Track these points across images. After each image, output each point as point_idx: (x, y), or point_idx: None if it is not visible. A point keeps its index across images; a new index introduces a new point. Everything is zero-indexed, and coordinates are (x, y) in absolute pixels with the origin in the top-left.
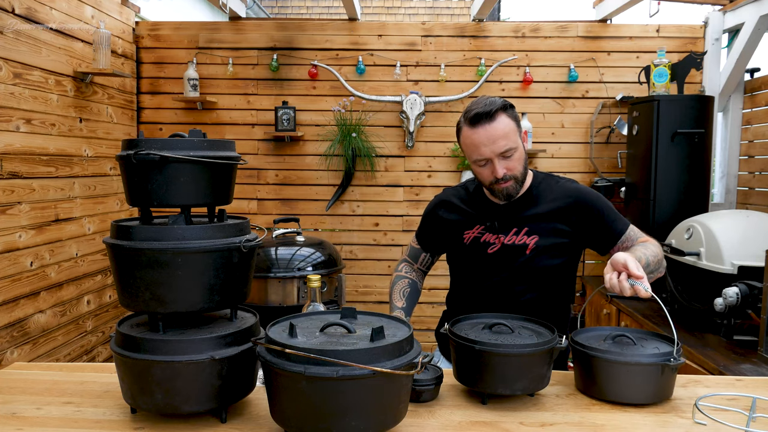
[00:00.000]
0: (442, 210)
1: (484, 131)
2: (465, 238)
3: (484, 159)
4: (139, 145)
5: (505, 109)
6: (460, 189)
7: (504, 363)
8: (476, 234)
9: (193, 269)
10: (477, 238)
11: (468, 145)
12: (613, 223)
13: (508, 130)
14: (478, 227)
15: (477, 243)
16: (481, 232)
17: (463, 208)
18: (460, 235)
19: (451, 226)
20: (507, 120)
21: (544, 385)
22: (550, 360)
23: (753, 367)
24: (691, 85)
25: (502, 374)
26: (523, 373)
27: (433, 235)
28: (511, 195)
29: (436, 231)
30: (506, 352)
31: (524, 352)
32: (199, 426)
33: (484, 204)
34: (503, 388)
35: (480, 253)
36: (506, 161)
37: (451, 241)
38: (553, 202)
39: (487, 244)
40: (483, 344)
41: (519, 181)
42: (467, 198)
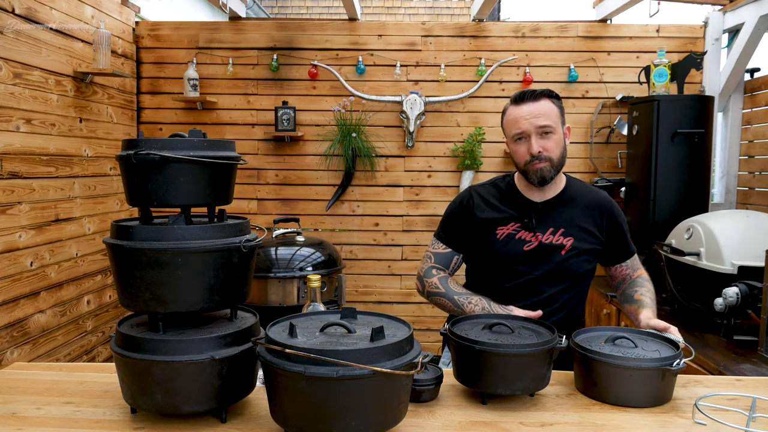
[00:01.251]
0: (475, 207)
1: (526, 107)
2: (498, 234)
3: (521, 132)
4: (139, 145)
5: (552, 96)
6: (490, 186)
7: (504, 363)
8: (511, 231)
9: (193, 269)
10: (512, 234)
11: (509, 121)
12: (628, 242)
13: (550, 111)
14: (513, 224)
15: (512, 240)
16: (516, 229)
17: (497, 205)
18: (492, 231)
19: (485, 223)
20: (551, 104)
21: (544, 385)
22: (550, 360)
23: (753, 367)
24: (691, 85)
25: (502, 374)
26: (523, 373)
27: (464, 233)
28: (545, 178)
29: (467, 228)
30: (506, 352)
31: (524, 352)
32: (199, 426)
33: (518, 201)
34: (503, 388)
35: (514, 250)
36: (543, 140)
37: (483, 238)
38: (587, 206)
39: (523, 241)
40: (483, 344)
41: (554, 167)
42: (500, 195)
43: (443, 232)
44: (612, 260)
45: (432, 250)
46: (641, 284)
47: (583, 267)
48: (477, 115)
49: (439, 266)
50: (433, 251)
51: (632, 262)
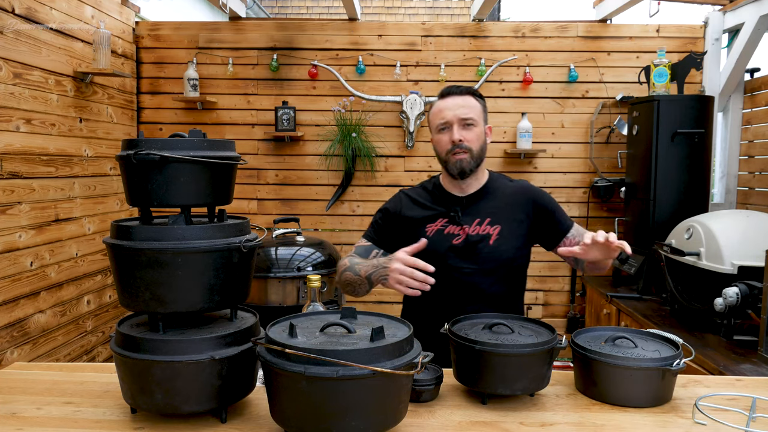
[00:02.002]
0: (404, 207)
1: (452, 100)
2: (427, 231)
3: (445, 122)
4: (139, 145)
5: (476, 94)
6: (419, 188)
7: (504, 363)
8: (439, 227)
9: (193, 269)
10: (441, 230)
11: (434, 114)
12: (561, 220)
13: (473, 105)
14: (441, 220)
15: (441, 235)
16: (444, 224)
17: (425, 204)
18: (422, 229)
19: (413, 222)
20: (474, 100)
21: (544, 385)
22: (550, 360)
23: (753, 367)
24: (691, 85)
25: (502, 374)
26: (523, 373)
27: (392, 232)
28: (464, 170)
29: (396, 229)
30: (506, 352)
31: (524, 352)
32: (199, 426)
33: (444, 197)
34: (503, 388)
35: (445, 244)
36: (465, 131)
37: (412, 237)
38: (510, 195)
39: (452, 235)
40: (483, 344)
41: (474, 158)
42: (427, 195)
43: (371, 232)
44: (554, 240)
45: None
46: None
47: (514, 253)
48: None
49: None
50: (358, 245)
51: (576, 230)
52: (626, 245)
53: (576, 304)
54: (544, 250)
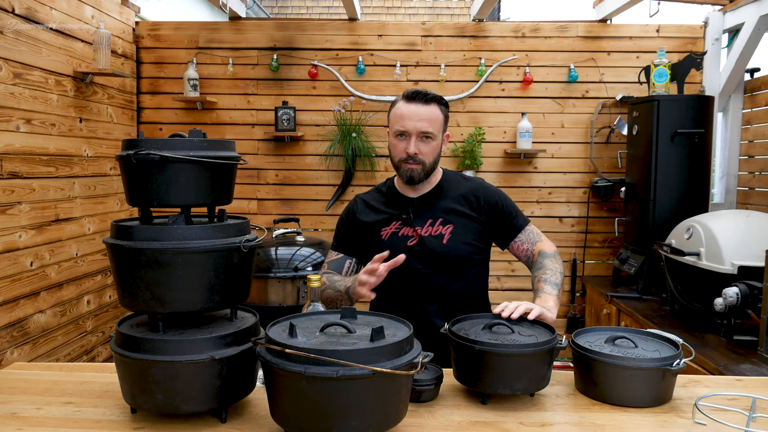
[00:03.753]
0: (358, 212)
1: (415, 107)
2: (383, 235)
3: (404, 132)
4: (139, 145)
5: (441, 103)
6: (373, 192)
7: (504, 363)
8: (393, 230)
9: (193, 269)
10: (395, 233)
11: (396, 115)
12: (514, 218)
13: (435, 118)
14: (395, 223)
15: (395, 237)
16: (398, 227)
17: (379, 208)
18: (377, 233)
19: (369, 227)
20: (438, 111)
21: (544, 385)
22: (550, 360)
23: (753, 367)
24: (691, 85)
25: (502, 374)
26: (523, 373)
27: (352, 240)
28: (413, 179)
29: (354, 234)
30: (506, 352)
31: (524, 352)
32: (199, 426)
33: (397, 200)
34: (503, 388)
35: (399, 247)
36: (422, 144)
37: (370, 241)
38: (463, 194)
39: (406, 237)
40: (483, 344)
41: (425, 170)
42: (382, 198)
43: (335, 241)
44: (505, 239)
45: (326, 260)
46: (540, 265)
47: (468, 250)
48: (477, 115)
49: (331, 271)
50: (327, 260)
51: (526, 236)
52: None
53: (576, 304)
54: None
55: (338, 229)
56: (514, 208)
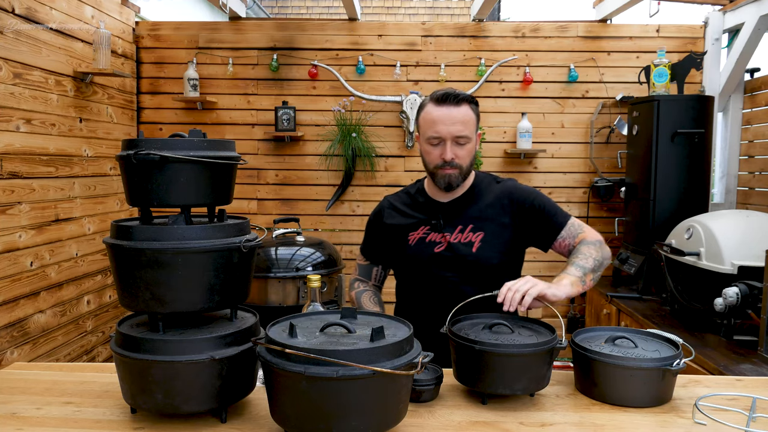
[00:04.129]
0: (386, 216)
1: (447, 110)
2: (410, 240)
3: (438, 137)
4: (139, 145)
5: (472, 102)
6: (402, 194)
7: (504, 363)
8: (421, 234)
9: (193, 269)
10: (422, 238)
11: (427, 120)
12: (553, 216)
13: (469, 119)
14: (424, 228)
15: (422, 243)
16: (426, 232)
17: (407, 212)
18: (405, 238)
19: (396, 230)
20: (470, 111)
21: (544, 385)
22: (550, 360)
23: (753, 367)
24: (691, 85)
25: (502, 374)
26: (523, 373)
27: (379, 245)
28: (451, 184)
29: (381, 239)
30: (506, 352)
31: (524, 352)
32: (199, 426)
33: (427, 204)
34: (503, 388)
35: (426, 253)
36: (457, 147)
37: (397, 246)
38: (495, 198)
39: (433, 243)
40: (483, 344)
41: (462, 174)
42: (410, 201)
43: (364, 244)
44: (546, 241)
45: (357, 262)
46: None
47: (499, 259)
48: None
49: (362, 278)
50: (357, 263)
51: (568, 231)
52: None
53: (576, 304)
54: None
55: (367, 230)
56: (552, 206)
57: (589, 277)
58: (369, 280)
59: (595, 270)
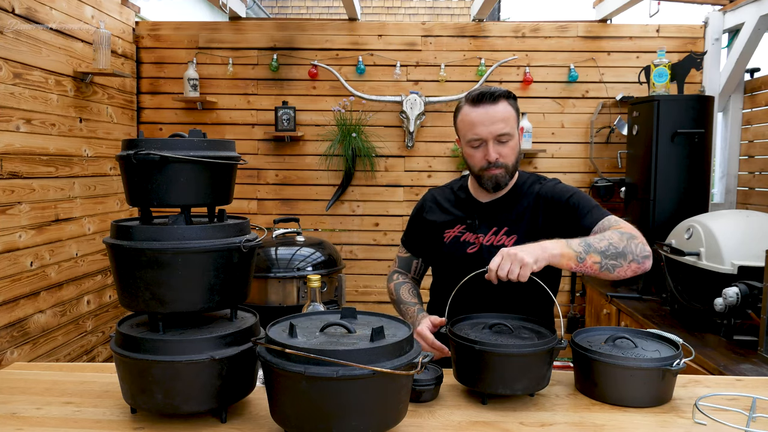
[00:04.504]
0: (427, 210)
1: (484, 110)
2: (445, 237)
3: (479, 139)
4: (139, 145)
5: (509, 96)
6: (446, 189)
7: (504, 363)
8: (457, 233)
9: (193, 269)
10: (457, 237)
11: (466, 123)
12: (587, 213)
13: (508, 116)
14: (460, 226)
15: (457, 242)
16: (461, 231)
17: (447, 208)
18: (441, 234)
19: (435, 226)
20: (509, 107)
21: (544, 385)
22: (550, 360)
23: (753, 367)
24: (691, 85)
25: (502, 374)
26: (523, 373)
27: (419, 238)
28: (499, 184)
29: (421, 233)
30: (506, 352)
31: (524, 352)
32: (199, 426)
33: (467, 202)
34: (503, 388)
35: (459, 252)
36: (500, 147)
37: (434, 241)
38: (534, 200)
39: (467, 243)
40: (483, 344)
41: (509, 172)
42: (452, 197)
43: (405, 235)
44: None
45: (397, 254)
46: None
47: None
48: None
49: (401, 270)
50: (398, 255)
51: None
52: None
53: (576, 304)
54: None
55: (409, 222)
56: (587, 204)
57: (592, 258)
58: (408, 273)
59: (606, 255)
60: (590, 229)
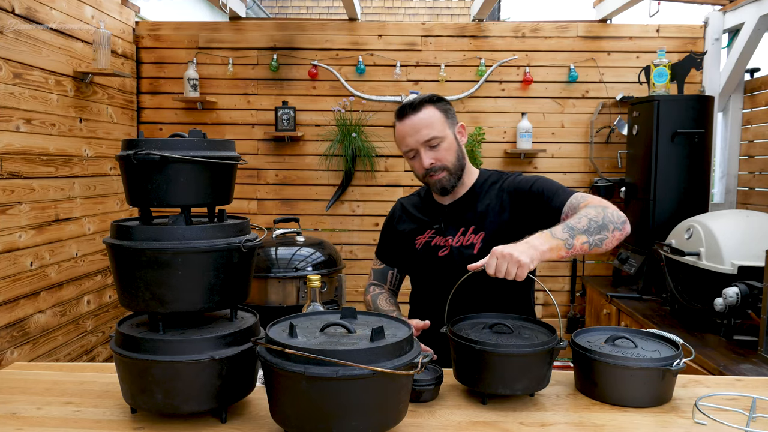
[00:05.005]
0: (397, 219)
1: (409, 121)
2: (417, 244)
3: (411, 150)
4: (139, 145)
5: (432, 101)
6: (414, 196)
7: (504, 363)
8: (427, 239)
9: (193, 269)
10: (428, 242)
11: (398, 138)
12: (554, 195)
13: (433, 120)
14: (429, 231)
15: (428, 247)
16: (431, 236)
17: (415, 215)
18: (412, 242)
19: (406, 234)
20: (433, 111)
21: (544, 385)
22: (550, 360)
23: (753, 367)
24: (691, 85)
25: (501, 374)
26: (523, 373)
27: (392, 248)
28: (445, 188)
29: (394, 243)
30: (506, 352)
31: (524, 352)
32: (199, 426)
33: (432, 207)
34: (503, 388)
35: (431, 257)
36: (433, 151)
37: (407, 250)
38: (496, 195)
39: (438, 247)
40: (483, 344)
41: (452, 174)
42: (419, 203)
43: (379, 247)
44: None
45: (372, 267)
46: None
47: None
48: (477, 115)
49: (377, 282)
50: (372, 267)
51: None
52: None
53: (576, 304)
54: None
55: (382, 234)
56: (552, 188)
57: (579, 240)
58: (384, 284)
59: (590, 232)
60: (560, 210)
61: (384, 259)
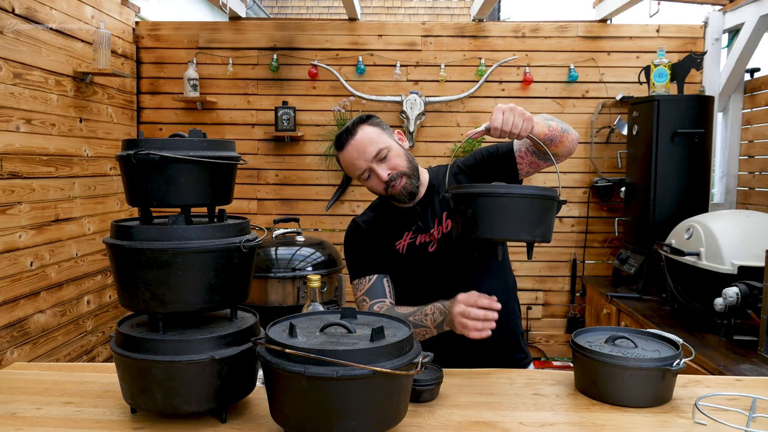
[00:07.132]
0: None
1: (351, 147)
2: (399, 249)
3: (364, 171)
4: (139, 145)
5: (363, 121)
6: (369, 212)
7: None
8: (409, 240)
9: (193, 269)
10: (411, 243)
11: (346, 166)
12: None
13: (373, 136)
14: (407, 233)
15: (414, 248)
16: (412, 237)
17: (384, 225)
18: (392, 248)
19: (382, 242)
20: (368, 128)
21: (548, 237)
22: (552, 212)
23: (753, 367)
24: (691, 85)
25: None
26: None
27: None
28: (411, 192)
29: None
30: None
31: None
32: (199, 426)
33: (398, 213)
34: (525, 234)
35: (421, 256)
36: (385, 163)
37: (388, 259)
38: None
39: (424, 244)
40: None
41: (411, 177)
42: (381, 217)
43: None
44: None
45: (360, 294)
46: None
47: None
48: (477, 115)
49: (378, 300)
50: (363, 292)
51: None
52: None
53: (576, 304)
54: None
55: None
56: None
57: (553, 123)
58: (386, 298)
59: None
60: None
61: (370, 269)
